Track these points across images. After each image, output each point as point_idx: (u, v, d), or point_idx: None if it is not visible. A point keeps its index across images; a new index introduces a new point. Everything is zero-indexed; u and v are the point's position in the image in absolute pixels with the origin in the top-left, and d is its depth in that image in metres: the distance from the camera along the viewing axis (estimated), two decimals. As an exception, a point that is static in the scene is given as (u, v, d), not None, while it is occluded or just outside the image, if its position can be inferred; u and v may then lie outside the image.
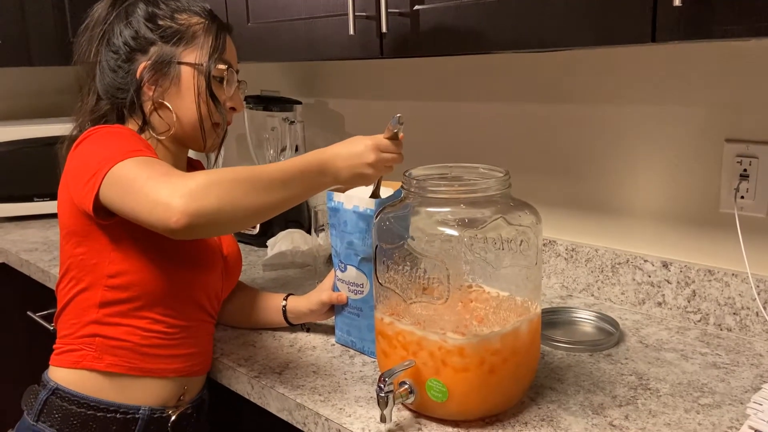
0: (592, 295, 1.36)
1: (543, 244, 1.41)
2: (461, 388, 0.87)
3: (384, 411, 0.87)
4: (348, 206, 1.07)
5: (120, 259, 0.97)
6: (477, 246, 0.86)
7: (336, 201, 1.09)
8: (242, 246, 1.73)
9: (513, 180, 0.95)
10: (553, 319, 1.25)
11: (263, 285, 1.47)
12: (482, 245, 0.86)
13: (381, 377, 0.86)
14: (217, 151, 1.17)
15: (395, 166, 1.00)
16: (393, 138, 0.99)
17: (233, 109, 1.10)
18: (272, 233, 1.67)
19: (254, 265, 1.62)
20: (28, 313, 1.71)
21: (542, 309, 1.23)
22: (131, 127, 1.05)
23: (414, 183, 0.92)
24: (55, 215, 1.08)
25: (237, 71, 1.10)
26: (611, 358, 1.10)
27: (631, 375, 1.04)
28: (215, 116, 1.06)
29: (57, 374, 1.02)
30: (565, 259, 1.39)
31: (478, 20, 1.02)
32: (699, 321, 1.22)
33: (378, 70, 1.72)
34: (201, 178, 0.82)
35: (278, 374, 1.06)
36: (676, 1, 0.80)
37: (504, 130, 1.47)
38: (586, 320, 1.25)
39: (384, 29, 1.13)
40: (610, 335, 1.17)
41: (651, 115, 1.25)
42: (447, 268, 0.86)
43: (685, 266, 1.22)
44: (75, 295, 1.01)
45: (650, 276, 1.27)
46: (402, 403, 0.92)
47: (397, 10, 1.13)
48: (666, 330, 1.21)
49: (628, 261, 1.29)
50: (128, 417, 1.00)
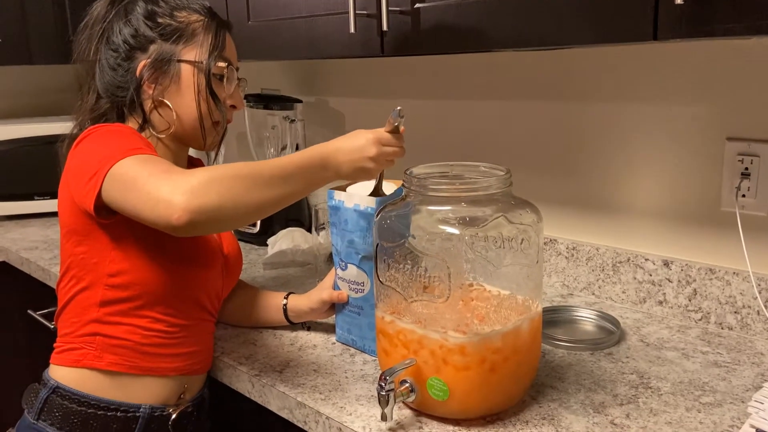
0: (593, 294, 1.36)
1: (544, 243, 1.40)
2: (462, 387, 0.87)
3: (385, 409, 0.87)
4: (349, 204, 1.07)
5: (120, 258, 0.97)
6: (478, 244, 0.86)
7: (337, 199, 1.08)
8: (243, 244, 1.73)
9: (514, 178, 0.95)
10: (554, 318, 1.25)
11: (264, 283, 1.47)
12: (483, 244, 0.86)
13: (382, 376, 0.86)
14: (217, 149, 1.17)
15: (397, 160, 1.00)
16: (394, 131, 0.98)
17: (233, 107, 1.10)
18: (273, 232, 1.66)
19: (255, 264, 1.62)
20: (29, 312, 1.71)
21: (543, 308, 1.23)
22: (131, 126, 1.05)
23: (415, 181, 0.92)
24: (56, 214, 1.08)
25: (237, 69, 1.09)
26: (612, 357, 1.10)
27: (632, 374, 1.04)
28: (215, 114, 1.06)
29: (57, 373, 1.02)
30: (566, 258, 1.39)
31: (479, 18, 1.02)
32: (700, 320, 1.22)
33: (379, 69, 1.71)
34: (202, 175, 0.82)
35: (279, 373, 1.06)
36: (678, 0, 0.79)
37: (505, 129, 1.47)
38: (587, 319, 1.25)
39: (385, 27, 1.13)
40: (611, 334, 1.16)
41: (652, 114, 1.25)
42: (448, 267, 0.86)
43: (686, 265, 1.22)
44: (75, 294, 1.01)
45: (651, 275, 1.27)
46: (403, 402, 0.92)
47: (398, 9, 1.13)
48: (667, 329, 1.21)
49: (629, 259, 1.29)
50: (129, 415, 1.00)
